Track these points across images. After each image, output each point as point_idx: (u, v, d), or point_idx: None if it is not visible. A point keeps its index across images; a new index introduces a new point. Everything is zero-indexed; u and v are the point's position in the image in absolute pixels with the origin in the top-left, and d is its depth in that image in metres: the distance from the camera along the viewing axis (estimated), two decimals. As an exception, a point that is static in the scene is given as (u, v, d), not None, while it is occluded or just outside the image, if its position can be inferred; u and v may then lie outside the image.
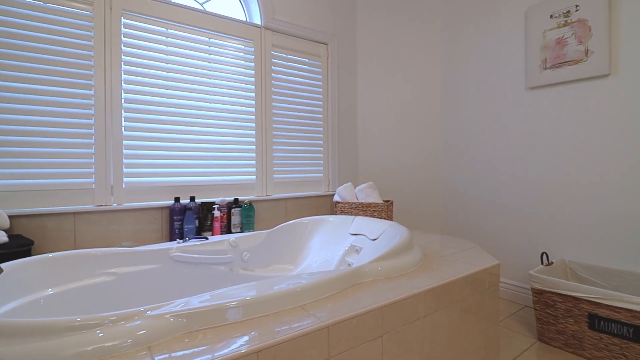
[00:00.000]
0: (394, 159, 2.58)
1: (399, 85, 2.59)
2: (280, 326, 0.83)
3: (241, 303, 0.87)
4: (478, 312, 1.28)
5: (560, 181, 1.97)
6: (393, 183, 2.57)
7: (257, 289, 0.95)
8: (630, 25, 1.73)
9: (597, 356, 1.45)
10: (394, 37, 2.60)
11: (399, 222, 2.55)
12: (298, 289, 0.96)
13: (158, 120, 1.78)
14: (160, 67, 1.79)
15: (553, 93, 2.00)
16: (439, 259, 1.42)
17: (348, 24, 2.55)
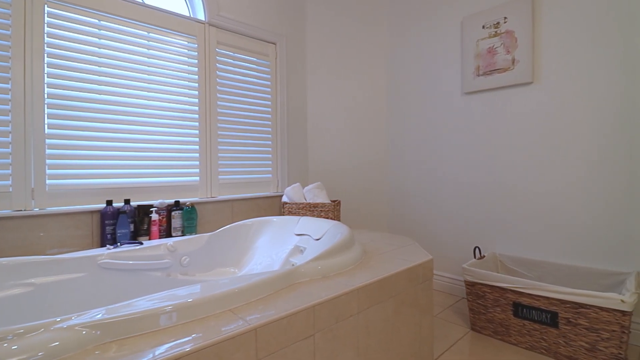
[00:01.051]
0: (343, 159, 2.62)
1: (347, 87, 2.64)
2: (205, 332, 0.80)
3: (163, 310, 0.83)
4: (413, 306, 1.34)
5: (492, 180, 2.12)
6: (342, 183, 2.62)
7: (183, 294, 0.91)
8: (549, 38, 1.90)
9: (521, 341, 1.58)
10: (343, 39, 2.64)
11: (348, 221, 2.60)
12: (228, 292, 0.93)
13: (88, 118, 1.66)
14: (91, 61, 1.67)
15: (485, 98, 2.15)
16: (378, 255, 1.46)
17: (297, 25, 2.55)
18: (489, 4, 2.13)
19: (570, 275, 1.77)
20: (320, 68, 2.63)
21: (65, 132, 1.60)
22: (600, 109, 1.74)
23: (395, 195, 2.63)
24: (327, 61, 2.63)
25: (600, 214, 1.73)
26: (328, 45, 2.64)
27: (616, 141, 1.69)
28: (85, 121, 1.65)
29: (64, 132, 1.59)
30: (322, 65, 2.63)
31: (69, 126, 1.61)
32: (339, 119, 2.63)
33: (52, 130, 1.56)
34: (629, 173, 1.66)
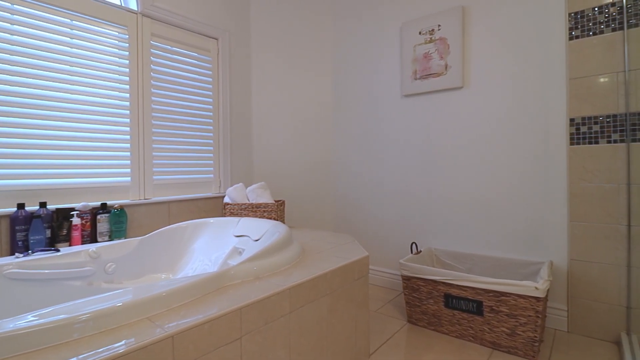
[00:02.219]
0: (290, 159, 2.61)
1: (294, 86, 2.63)
2: (114, 343, 0.74)
3: (69, 321, 0.75)
4: (348, 302, 1.35)
5: (428, 179, 2.23)
6: (289, 183, 2.60)
7: (95, 303, 0.84)
8: (478, 46, 2.04)
9: (452, 330, 1.67)
10: (289, 38, 2.63)
11: (294, 221, 2.59)
12: (145, 299, 0.87)
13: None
14: (1, 49, 1.49)
15: (422, 100, 2.25)
16: (316, 254, 1.46)
17: (241, 21, 2.49)
18: (425, 11, 2.24)
19: (495, 266, 1.92)
20: (266, 65, 2.59)
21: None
22: (521, 113, 1.90)
23: (340, 193, 2.67)
24: (273, 59, 2.60)
25: (520, 210, 1.89)
26: (274, 43, 2.61)
27: (534, 142, 1.86)
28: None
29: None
30: (267, 63, 2.59)
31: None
32: (286, 118, 2.61)
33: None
34: (544, 172, 1.83)
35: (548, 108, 1.82)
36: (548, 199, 1.82)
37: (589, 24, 1.72)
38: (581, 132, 1.72)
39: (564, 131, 1.78)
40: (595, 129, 1.69)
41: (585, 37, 1.73)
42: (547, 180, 1.82)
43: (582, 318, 1.71)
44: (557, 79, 1.80)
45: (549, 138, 1.82)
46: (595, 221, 1.68)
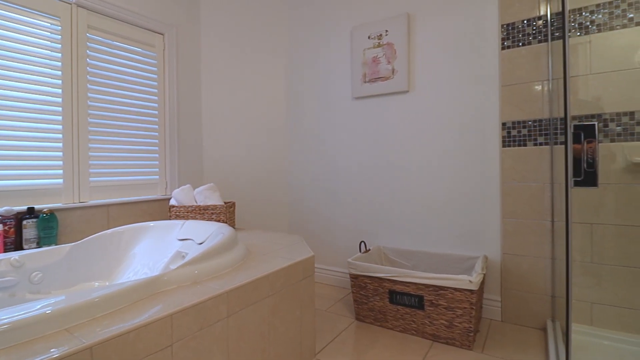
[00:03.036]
0: (242, 159, 2.57)
1: (247, 85, 2.59)
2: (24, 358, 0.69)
3: (-35, 339, 0.69)
4: (292, 303, 1.36)
5: (377, 178, 2.29)
6: (241, 184, 2.56)
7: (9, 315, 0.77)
8: (422, 52, 2.14)
9: (396, 325, 1.73)
10: (242, 36, 2.59)
11: (245, 223, 2.55)
12: (65, 309, 0.82)
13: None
14: None
15: (371, 103, 2.32)
16: (261, 256, 1.45)
17: (190, 17, 2.41)
18: (373, 17, 2.31)
19: (438, 262, 2.02)
20: (217, 63, 2.53)
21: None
22: (461, 116, 2.02)
23: (294, 194, 2.67)
24: (224, 57, 2.54)
25: (460, 208, 2.01)
26: (226, 41, 2.55)
27: (472, 144, 1.98)
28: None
29: None
30: (218, 61, 2.53)
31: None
32: (238, 117, 2.57)
33: None
34: (480, 172, 1.95)
35: (484, 112, 1.95)
36: (483, 198, 1.94)
37: (519, 35, 1.86)
38: (512, 136, 1.86)
39: (497, 134, 1.91)
40: (524, 132, 1.83)
41: (515, 47, 1.87)
42: (483, 180, 1.94)
43: (514, 308, 1.85)
44: (492, 85, 1.93)
45: (484, 140, 1.95)
46: (523, 218, 1.82)
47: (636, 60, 1.61)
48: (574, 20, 1.75)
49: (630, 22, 1.63)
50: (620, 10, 1.65)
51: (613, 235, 1.63)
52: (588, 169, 0.97)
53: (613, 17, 1.66)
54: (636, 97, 1.60)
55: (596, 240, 1.67)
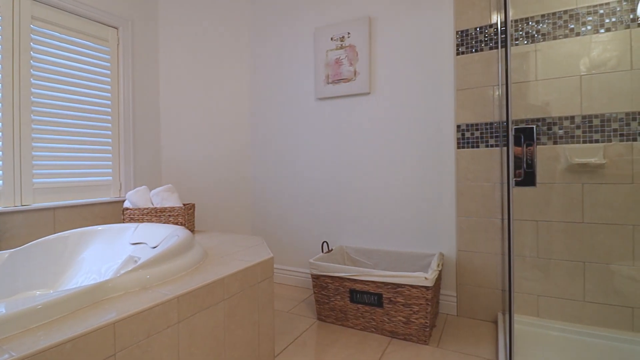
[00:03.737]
0: (204, 160, 2.50)
1: (209, 83, 2.53)
2: (-64, 378, 0.63)
3: None
4: (250, 306, 1.34)
5: (340, 179, 2.32)
6: (202, 185, 2.49)
7: None
8: (382, 55, 2.18)
9: (357, 323, 1.76)
10: (203, 33, 2.52)
11: (206, 225, 2.49)
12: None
13: None
14: None
15: (334, 104, 2.34)
16: (219, 258, 1.42)
17: (147, 10, 2.32)
18: (336, 19, 2.33)
19: (398, 260, 2.07)
20: (176, 60, 2.45)
21: None
22: (419, 118, 2.08)
23: (258, 195, 2.64)
24: (184, 54, 2.47)
25: (418, 207, 2.07)
26: (186, 37, 2.47)
27: (429, 146, 2.05)
28: None
29: None
30: (178, 57, 2.45)
31: None
32: (199, 116, 2.50)
33: None
34: (437, 173, 2.02)
35: (440, 115, 2.02)
36: (440, 197, 2.01)
37: (472, 42, 1.95)
38: (466, 137, 1.94)
39: (452, 136, 1.99)
40: (477, 134, 1.92)
41: (469, 53, 1.95)
42: (440, 180, 2.02)
43: (468, 302, 1.93)
44: (448, 89, 2.01)
45: (441, 142, 2.02)
46: (477, 216, 1.91)
47: (577, 68, 1.73)
48: (521, 29, 1.86)
49: (571, 32, 1.75)
50: (562, 21, 1.77)
51: (556, 231, 1.75)
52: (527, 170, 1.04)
53: (556, 27, 1.78)
54: (576, 102, 1.73)
55: (542, 236, 1.78)
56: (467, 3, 1.95)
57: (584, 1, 1.73)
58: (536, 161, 1.05)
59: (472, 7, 1.94)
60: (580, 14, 1.73)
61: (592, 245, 1.68)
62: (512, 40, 1.87)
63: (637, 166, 1.61)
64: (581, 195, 1.70)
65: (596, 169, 1.67)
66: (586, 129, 1.71)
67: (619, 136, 1.65)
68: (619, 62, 1.65)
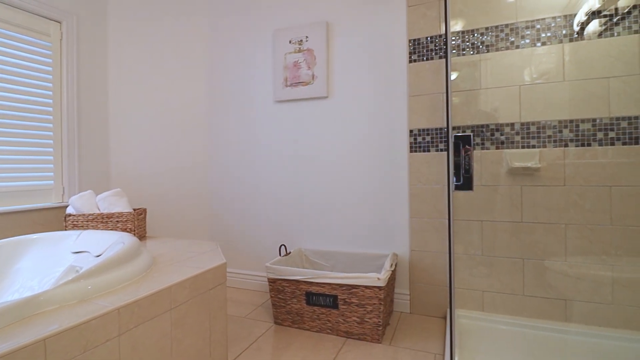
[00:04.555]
0: (157, 163, 2.41)
1: (162, 83, 2.44)
2: None
3: None
4: (201, 313, 1.31)
5: (298, 182, 2.33)
6: (156, 189, 2.40)
7: None
8: (339, 59, 2.22)
9: (313, 325, 1.77)
10: (157, 31, 2.42)
11: (159, 231, 2.40)
12: None
13: None
14: None
15: (292, 107, 2.34)
16: (168, 266, 1.38)
17: (94, 4, 2.19)
18: (294, 22, 2.33)
19: (355, 261, 2.11)
20: (128, 58, 2.34)
21: None
22: (374, 123, 2.14)
23: (216, 199, 2.58)
24: (136, 52, 2.36)
25: (374, 209, 2.13)
26: (139, 34, 2.37)
27: (384, 149, 2.11)
28: None
29: None
30: (130, 56, 2.34)
31: None
32: (153, 118, 2.40)
33: None
34: (392, 175, 2.09)
35: (395, 120, 2.09)
36: (395, 199, 2.08)
37: (424, 51, 2.03)
38: (418, 142, 2.03)
39: (406, 140, 2.06)
40: (428, 139, 2.01)
41: (420, 61, 2.04)
42: (394, 183, 2.09)
43: (420, 300, 2.01)
44: (401, 95, 2.08)
45: (395, 146, 2.09)
46: (428, 217, 1.99)
47: (517, 78, 1.86)
48: (468, 40, 1.97)
49: (512, 45, 1.88)
50: (504, 34, 1.90)
51: (499, 231, 1.87)
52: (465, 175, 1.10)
53: (499, 40, 1.90)
54: (516, 110, 1.86)
55: (486, 235, 1.90)
56: (419, 14, 2.04)
57: (523, 16, 1.86)
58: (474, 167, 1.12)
59: (424, 17, 2.03)
60: (520, 28, 1.87)
61: (530, 243, 1.81)
62: (460, 51, 1.98)
63: (568, 170, 1.76)
64: (520, 197, 1.83)
65: (533, 172, 1.81)
66: (524, 135, 1.84)
67: (552, 142, 1.79)
68: (554, 74, 1.79)
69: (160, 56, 2.43)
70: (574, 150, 1.75)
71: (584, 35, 1.75)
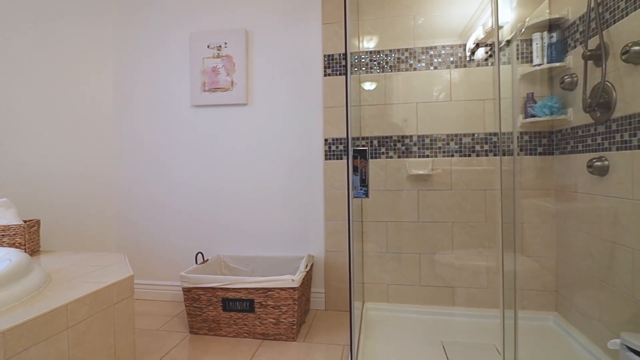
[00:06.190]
0: (54, 169, 2.17)
1: (59, 80, 2.20)
2: None
3: None
4: (103, 330, 1.25)
5: (216, 188, 2.32)
6: (53, 198, 2.16)
7: None
8: (259, 68, 2.27)
9: (229, 331, 1.80)
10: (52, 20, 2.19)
11: (57, 245, 2.16)
12: None
13: None
14: None
15: (211, 112, 2.33)
16: (65, 282, 1.29)
17: (-30, -12, 1.90)
18: (213, 27, 2.32)
19: (274, 265, 2.19)
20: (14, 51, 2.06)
21: None
22: (292, 131, 2.24)
23: (124, 207, 2.43)
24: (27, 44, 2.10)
25: (292, 213, 2.23)
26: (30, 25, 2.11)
27: (301, 156, 2.22)
28: None
29: None
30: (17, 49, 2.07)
31: None
32: (49, 119, 2.16)
33: None
34: (308, 181, 2.21)
35: (311, 129, 2.22)
36: (311, 203, 2.21)
37: (337, 66, 2.20)
38: (332, 150, 2.18)
39: (321, 148, 2.21)
40: (341, 147, 2.18)
41: (334, 75, 2.20)
42: (311, 188, 2.21)
43: (334, 297, 2.17)
44: (317, 105, 2.22)
45: (311, 153, 2.22)
46: (341, 219, 2.16)
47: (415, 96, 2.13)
48: (375, 60, 2.19)
49: (411, 67, 2.14)
50: (404, 57, 2.15)
51: (401, 230, 2.11)
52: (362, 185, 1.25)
53: (400, 62, 2.15)
54: (413, 124, 2.12)
55: (391, 234, 2.13)
56: (332, 31, 2.20)
57: (419, 43, 2.13)
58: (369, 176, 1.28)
59: (336, 35, 2.20)
60: (417, 52, 2.14)
61: (425, 239, 2.09)
62: (369, 69, 2.18)
63: (454, 176, 2.07)
64: (417, 200, 2.10)
65: (427, 179, 2.09)
66: (420, 146, 2.11)
67: (442, 153, 2.09)
68: (443, 95, 2.09)
69: (56, 49, 2.20)
70: (458, 159, 2.06)
71: (473, 60, 2.07)
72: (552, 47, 1.81)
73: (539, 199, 1.97)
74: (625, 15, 1.36)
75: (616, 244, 1.43)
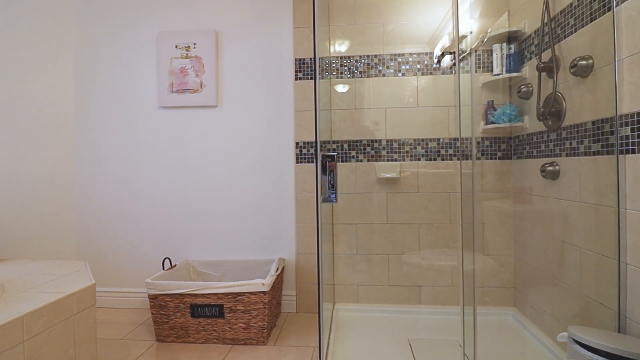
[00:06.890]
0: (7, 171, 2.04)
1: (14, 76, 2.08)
2: None
3: None
4: (63, 342, 1.20)
5: (184, 191, 2.27)
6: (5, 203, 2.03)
7: None
8: (229, 70, 2.25)
9: (198, 338, 1.77)
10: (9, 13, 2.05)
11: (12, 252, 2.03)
12: None
13: None
14: None
15: (179, 114, 2.28)
16: (20, 293, 1.22)
17: None
18: (181, 27, 2.27)
19: (245, 269, 2.17)
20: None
21: None
22: (264, 134, 2.23)
23: (86, 212, 2.32)
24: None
25: (263, 216, 2.22)
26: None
27: (272, 160, 2.22)
28: None
29: None
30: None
31: None
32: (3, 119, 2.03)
33: None
34: (279, 184, 2.22)
35: (283, 132, 2.23)
36: (282, 206, 2.22)
37: (308, 70, 2.21)
38: (303, 153, 2.20)
39: (292, 152, 2.22)
40: (312, 151, 2.20)
41: (305, 79, 2.21)
42: (282, 191, 2.22)
43: (306, 299, 2.18)
44: (288, 109, 2.23)
45: (282, 156, 2.22)
46: (311, 222, 2.18)
47: (383, 102, 2.18)
48: (345, 65, 2.22)
49: (380, 73, 2.19)
50: (374, 63, 2.20)
51: (371, 232, 2.16)
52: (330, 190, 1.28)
53: (370, 67, 2.20)
54: (382, 129, 2.17)
55: (361, 236, 2.17)
56: (304, 35, 2.21)
57: (388, 49, 2.19)
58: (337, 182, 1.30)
59: (307, 39, 2.21)
60: (386, 59, 2.19)
61: (393, 240, 2.15)
62: (339, 74, 2.22)
63: (420, 179, 2.15)
64: (386, 202, 2.15)
65: (395, 182, 2.15)
66: (389, 150, 2.17)
67: (409, 156, 2.16)
68: (410, 101, 2.16)
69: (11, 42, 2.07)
70: (424, 163, 2.14)
71: (440, 68, 2.15)
72: (511, 57, 1.93)
73: (498, 201, 2.08)
74: (574, 32, 1.47)
75: (566, 243, 1.54)
